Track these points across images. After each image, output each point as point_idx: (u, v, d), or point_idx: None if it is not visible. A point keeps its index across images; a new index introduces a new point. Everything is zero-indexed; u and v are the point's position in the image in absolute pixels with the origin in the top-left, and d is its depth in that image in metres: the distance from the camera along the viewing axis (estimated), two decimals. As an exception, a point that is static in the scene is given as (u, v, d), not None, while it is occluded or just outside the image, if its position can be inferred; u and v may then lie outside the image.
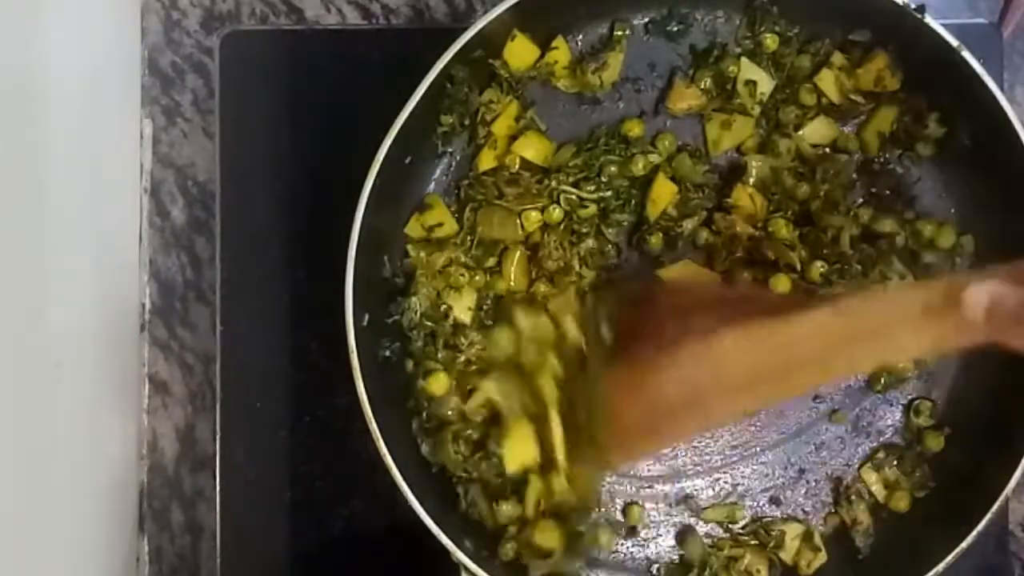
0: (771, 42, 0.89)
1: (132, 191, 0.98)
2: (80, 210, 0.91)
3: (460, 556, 0.83)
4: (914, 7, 0.81)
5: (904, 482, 0.90)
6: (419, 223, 0.89)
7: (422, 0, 0.98)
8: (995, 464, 0.84)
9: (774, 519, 0.91)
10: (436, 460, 0.88)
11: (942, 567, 0.83)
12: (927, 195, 0.90)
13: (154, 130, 0.99)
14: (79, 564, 0.91)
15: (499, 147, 0.89)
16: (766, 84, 0.89)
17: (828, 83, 0.89)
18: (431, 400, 0.88)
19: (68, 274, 0.89)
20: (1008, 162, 0.83)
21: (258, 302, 0.95)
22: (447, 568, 0.83)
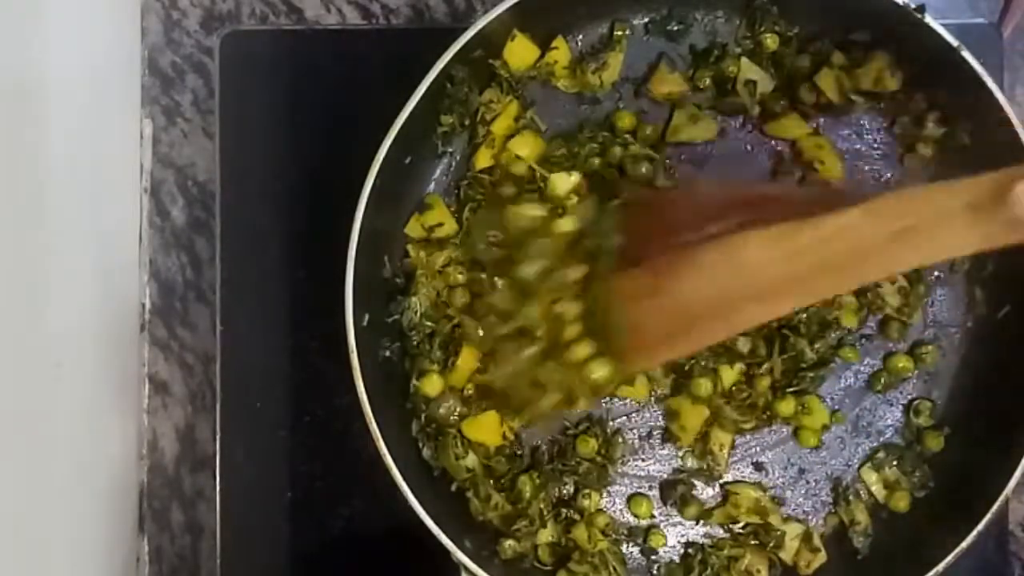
0: (771, 42, 0.89)
1: (132, 191, 0.98)
2: (80, 210, 0.91)
3: (460, 556, 0.83)
4: (914, 7, 0.81)
5: (904, 482, 0.90)
6: (419, 223, 0.89)
7: (422, 0, 0.98)
8: (995, 464, 0.84)
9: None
10: (437, 464, 0.88)
11: (942, 567, 0.83)
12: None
13: (154, 130, 0.99)
14: (79, 564, 0.91)
15: (496, 146, 0.89)
16: (766, 84, 0.89)
17: (828, 83, 0.89)
18: (428, 402, 0.88)
19: (68, 274, 0.89)
20: (1008, 162, 0.82)
21: (258, 302, 0.95)
22: (447, 568, 0.83)
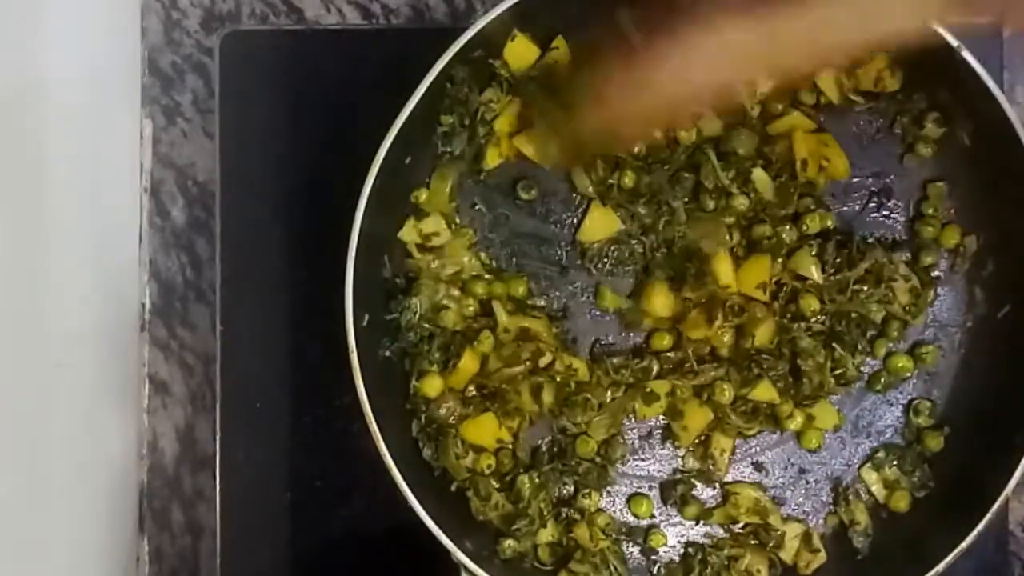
0: (771, 42, 0.89)
1: (132, 191, 0.98)
2: (80, 210, 0.91)
3: (460, 556, 0.83)
4: (914, 7, 0.81)
5: (904, 482, 0.90)
6: (415, 229, 0.89)
7: (422, 0, 0.98)
8: (995, 464, 0.84)
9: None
10: (438, 465, 0.88)
11: (942, 567, 0.83)
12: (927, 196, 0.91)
13: (154, 130, 0.99)
14: (79, 564, 0.91)
15: (503, 144, 0.89)
16: (766, 84, 0.89)
17: (828, 83, 0.88)
18: (427, 402, 0.88)
19: (68, 274, 0.89)
20: (1008, 162, 0.83)
21: (258, 302, 0.95)
22: (447, 568, 0.83)
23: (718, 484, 0.91)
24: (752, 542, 0.90)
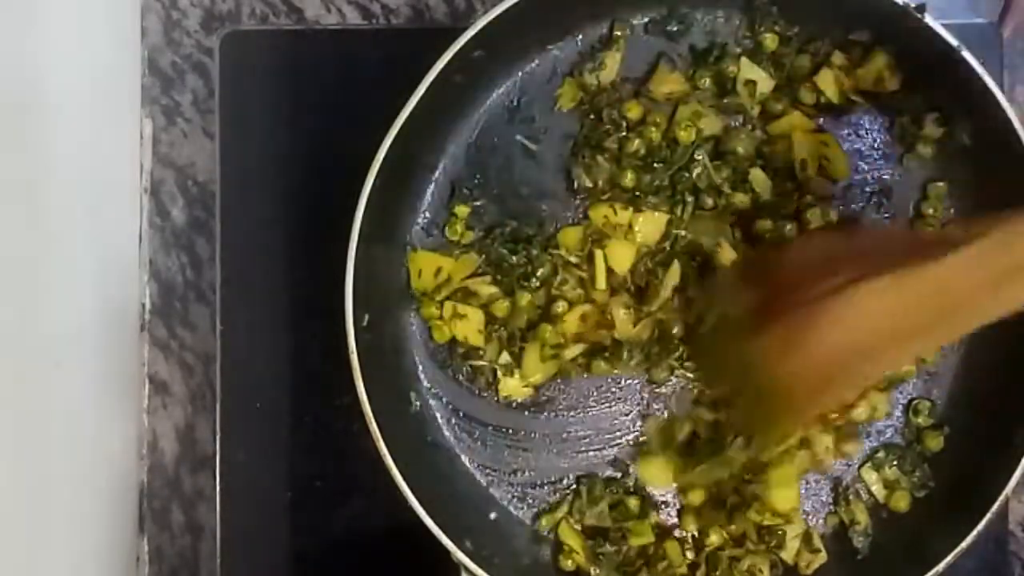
0: (771, 42, 0.89)
1: (132, 191, 0.98)
2: (80, 210, 0.91)
3: (460, 556, 0.83)
4: (914, 7, 0.81)
5: (904, 482, 0.90)
6: (430, 270, 0.89)
7: (422, 0, 0.98)
8: (995, 464, 0.84)
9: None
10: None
11: (942, 567, 0.83)
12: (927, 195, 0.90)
13: (154, 130, 0.99)
14: (79, 564, 0.91)
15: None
16: (766, 84, 0.89)
17: (828, 83, 0.88)
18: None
19: (68, 274, 0.89)
20: (1008, 162, 0.83)
21: (258, 302, 0.95)
22: (447, 568, 0.83)
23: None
24: (754, 543, 0.90)
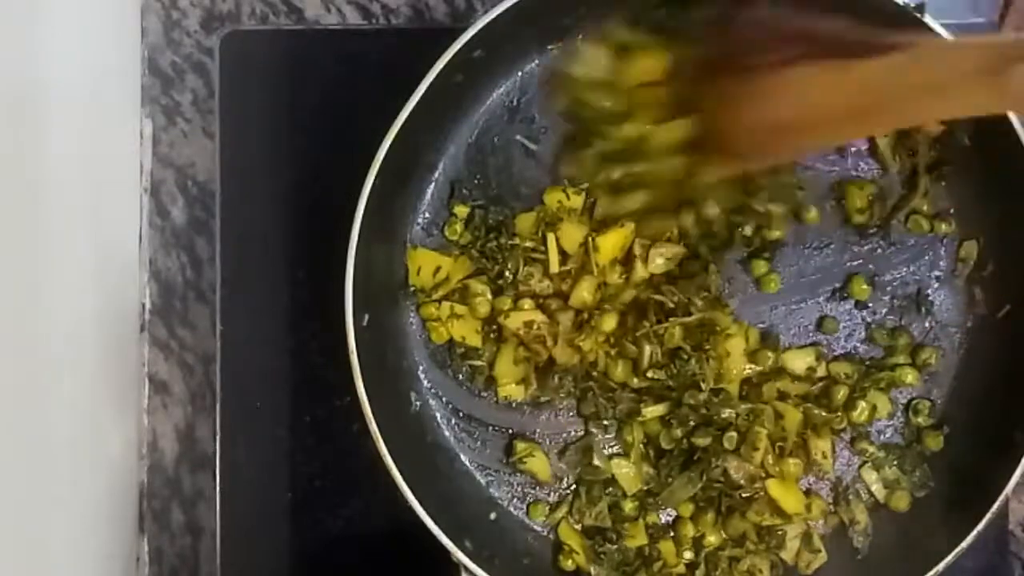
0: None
1: (132, 191, 0.98)
2: (80, 210, 0.91)
3: (460, 556, 0.83)
4: (914, 7, 0.81)
5: (904, 482, 0.90)
6: (429, 270, 0.90)
7: (422, 0, 0.98)
8: (995, 464, 0.84)
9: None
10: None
11: (942, 567, 0.83)
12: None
13: (154, 130, 0.99)
14: (79, 564, 0.91)
15: None
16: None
17: (828, 83, 0.88)
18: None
19: (68, 274, 0.89)
20: (1008, 162, 0.83)
21: (258, 302, 0.95)
22: (447, 568, 0.83)
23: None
24: (754, 543, 0.90)
